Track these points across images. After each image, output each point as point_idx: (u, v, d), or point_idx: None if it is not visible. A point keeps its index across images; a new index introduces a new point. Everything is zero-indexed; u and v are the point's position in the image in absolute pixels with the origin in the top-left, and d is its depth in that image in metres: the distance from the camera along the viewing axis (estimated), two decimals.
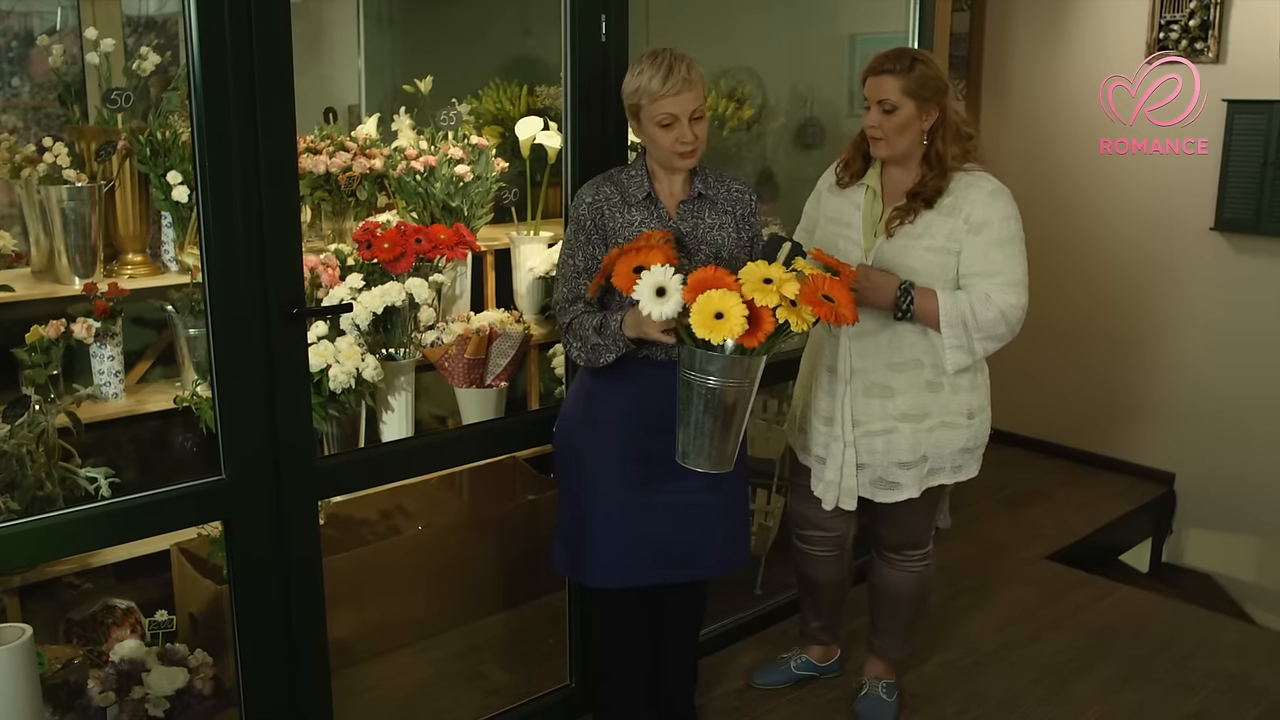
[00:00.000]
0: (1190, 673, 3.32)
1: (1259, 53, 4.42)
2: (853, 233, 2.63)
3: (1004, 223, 2.50)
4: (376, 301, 2.89)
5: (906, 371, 2.59)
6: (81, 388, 2.75)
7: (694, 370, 2.16)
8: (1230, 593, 4.78)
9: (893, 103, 2.47)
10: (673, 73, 2.28)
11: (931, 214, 2.51)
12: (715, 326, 2.07)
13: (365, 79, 4.02)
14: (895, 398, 2.60)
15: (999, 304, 2.48)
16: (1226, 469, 4.74)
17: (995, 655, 3.40)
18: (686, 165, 2.40)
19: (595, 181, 2.48)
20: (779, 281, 2.11)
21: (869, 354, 2.61)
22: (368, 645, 3.19)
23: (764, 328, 2.10)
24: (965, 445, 2.66)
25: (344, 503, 3.13)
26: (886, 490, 2.68)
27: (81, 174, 2.81)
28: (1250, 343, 4.61)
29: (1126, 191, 4.89)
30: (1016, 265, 2.51)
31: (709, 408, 2.17)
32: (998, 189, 2.52)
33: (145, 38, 3.08)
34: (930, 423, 2.61)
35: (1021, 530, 4.41)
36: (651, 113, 2.32)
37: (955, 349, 2.51)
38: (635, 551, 2.49)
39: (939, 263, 2.52)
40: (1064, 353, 5.11)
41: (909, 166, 2.56)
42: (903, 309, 2.50)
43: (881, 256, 2.56)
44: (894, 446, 2.62)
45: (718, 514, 2.54)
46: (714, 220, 2.46)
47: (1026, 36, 5.18)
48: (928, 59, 2.50)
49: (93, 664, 2.64)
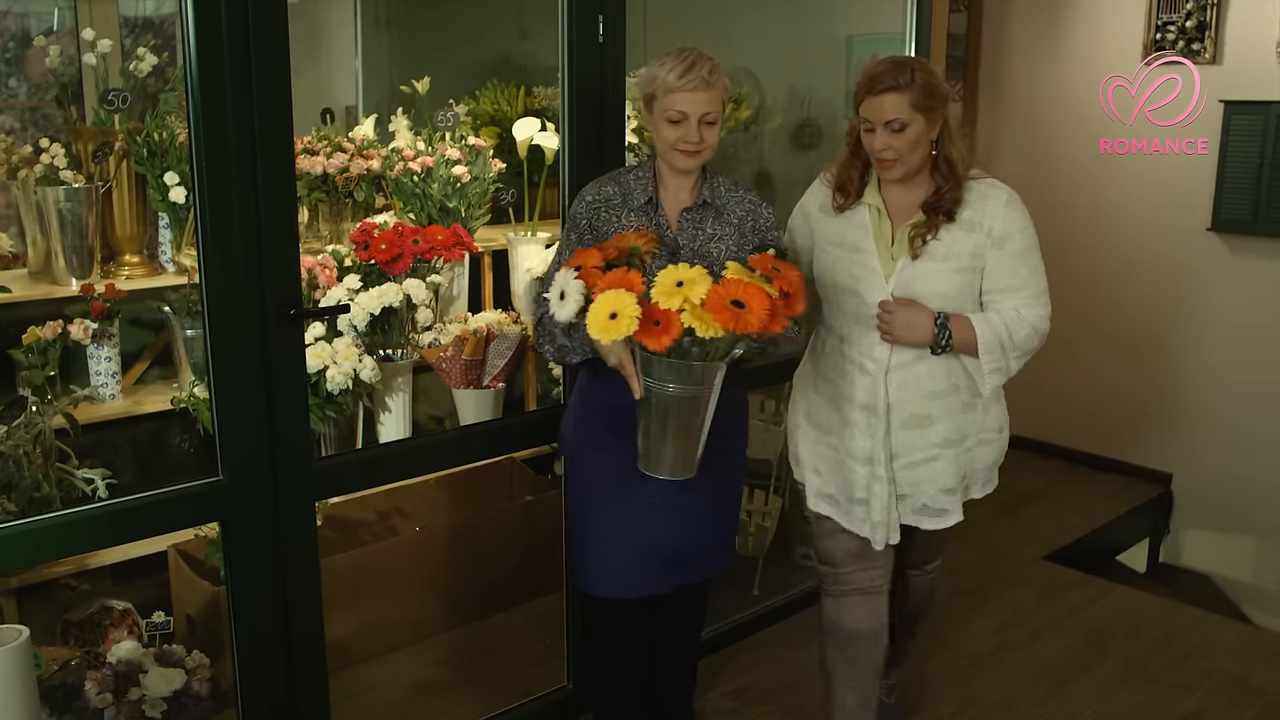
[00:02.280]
0: (1187, 673, 3.32)
1: (1256, 53, 4.43)
2: (867, 258, 2.44)
3: (1025, 233, 2.41)
4: (374, 302, 2.88)
5: (944, 398, 2.47)
6: (78, 389, 2.75)
7: (650, 377, 2.09)
8: (1227, 593, 4.79)
9: (902, 121, 2.30)
10: (693, 69, 2.21)
11: (954, 229, 2.37)
12: (607, 327, 1.97)
13: (362, 80, 4.02)
14: (935, 425, 2.48)
15: (1030, 319, 2.40)
16: (1224, 469, 4.74)
17: (992, 656, 3.40)
18: (687, 166, 2.31)
19: (601, 180, 2.42)
20: (688, 284, 1.98)
21: (907, 386, 2.46)
22: (365, 646, 3.18)
23: (669, 333, 1.97)
24: (996, 459, 2.61)
25: (341, 504, 3.13)
26: (934, 518, 2.56)
27: (78, 175, 2.81)
28: (1247, 343, 4.61)
29: (1124, 192, 4.90)
30: (1040, 275, 2.43)
31: (665, 414, 2.11)
32: (1012, 197, 2.42)
33: (142, 38, 3.08)
34: (969, 444, 2.52)
35: (1019, 531, 4.41)
36: (663, 105, 2.25)
37: (994, 372, 2.42)
38: (630, 557, 2.45)
39: (966, 283, 2.41)
40: (1061, 353, 5.09)
41: (913, 180, 2.41)
42: (942, 344, 2.37)
43: (907, 282, 2.39)
44: (938, 474, 2.50)
45: (709, 514, 2.50)
46: (715, 231, 2.37)
47: (1024, 37, 5.18)
48: (924, 65, 2.37)
49: (90, 665, 2.64)
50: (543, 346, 2.40)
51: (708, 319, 1.96)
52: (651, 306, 1.99)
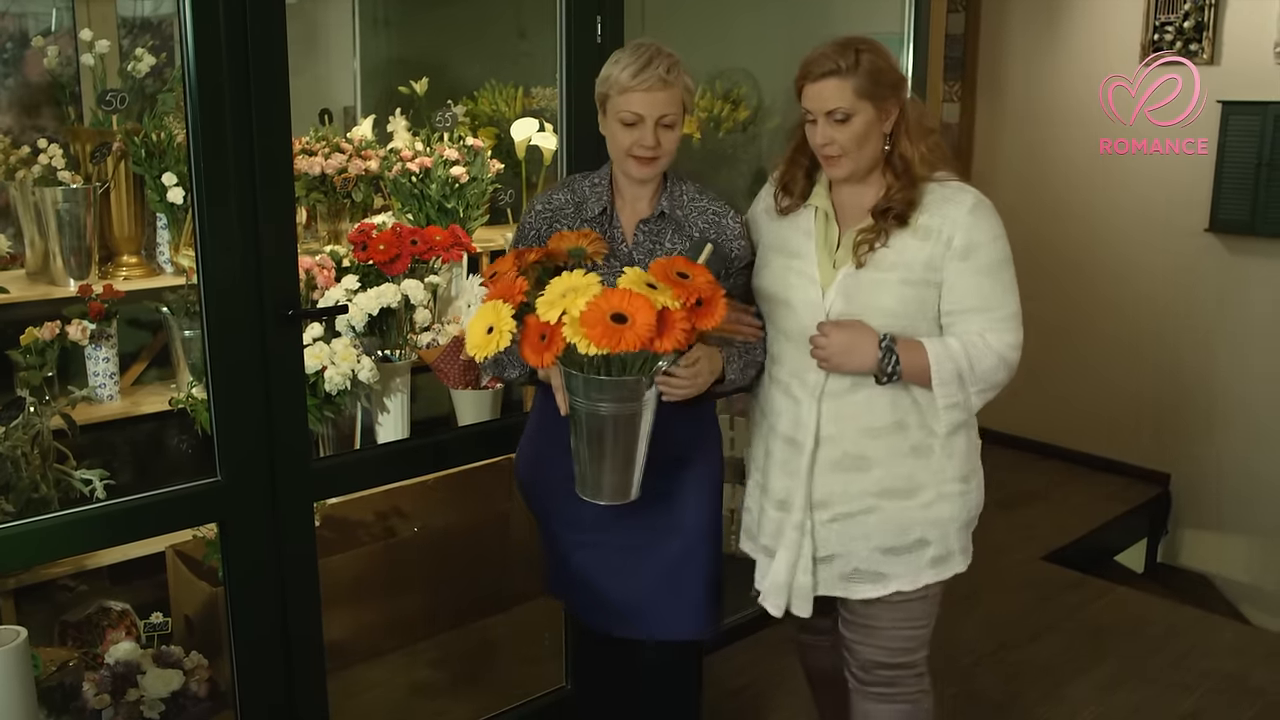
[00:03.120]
0: (1186, 673, 3.32)
1: (1253, 54, 4.44)
2: (805, 265, 2.08)
3: (993, 244, 2.01)
4: (372, 303, 2.88)
5: (886, 438, 2.06)
6: (76, 389, 2.75)
7: (575, 395, 1.88)
8: (1225, 593, 4.80)
9: (845, 110, 1.97)
10: (648, 67, 1.98)
11: (906, 236, 2.01)
12: (483, 342, 1.79)
13: (361, 80, 4.02)
14: (872, 470, 2.07)
15: (997, 347, 2.02)
16: (1222, 469, 4.75)
17: (991, 656, 3.40)
18: (642, 175, 2.07)
19: (553, 187, 2.21)
20: (571, 293, 1.76)
21: (842, 418, 2.06)
22: (364, 646, 3.18)
23: (551, 348, 1.76)
24: (966, 519, 2.16)
25: (340, 504, 3.13)
26: (868, 584, 2.11)
27: (76, 175, 2.81)
28: (1245, 343, 4.62)
29: (1122, 193, 4.90)
30: (1010, 295, 2.05)
31: (593, 433, 1.89)
32: (979, 202, 2.03)
33: (140, 39, 3.08)
34: (925, 496, 2.08)
35: (1017, 531, 4.41)
36: (616, 106, 2.01)
37: (950, 408, 2.03)
38: (582, 594, 2.24)
39: (917, 298, 2.02)
40: (1059, 354, 5.11)
41: (867, 179, 2.06)
42: (888, 372, 1.99)
43: (847, 294, 2.03)
44: (876, 530, 2.08)
45: (674, 563, 2.16)
46: (674, 246, 2.09)
47: (1022, 37, 5.19)
48: (874, 47, 2.01)
49: (88, 666, 2.64)
50: (483, 365, 2.19)
51: (584, 334, 1.74)
52: (536, 318, 1.78)
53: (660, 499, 2.08)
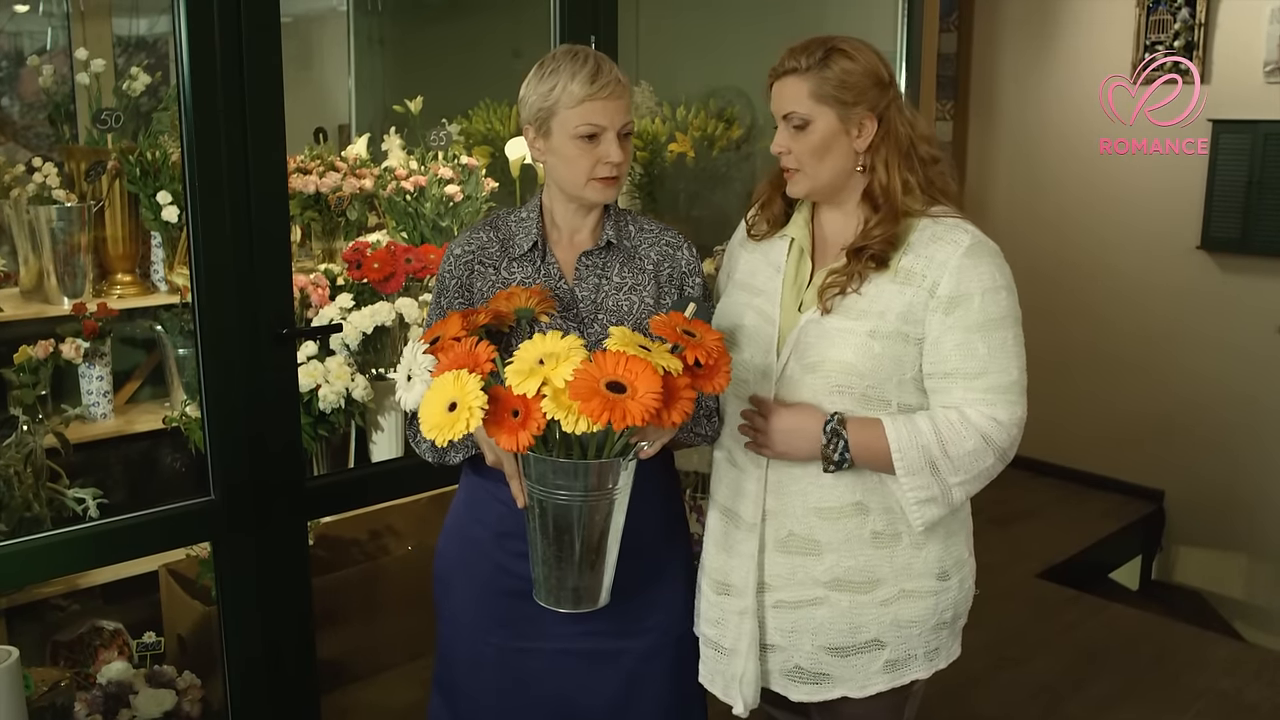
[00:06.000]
0: (1181, 690, 3.32)
1: (1243, 73, 4.47)
2: (765, 304, 1.78)
3: (988, 296, 1.66)
4: (366, 321, 2.88)
5: (840, 521, 1.73)
6: (70, 408, 2.74)
7: (537, 483, 1.56)
8: (1219, 610, 4.80)
9: (801, 115, 1.69)
10: (603, 72, 1.71)
11: (883, 280, 1.68)
12: (443, 422, 1.46)
13: (355, 99, 4.03)
14: (823, 556, 1.74)
15: (980, 425, 1.65)
16: (1215, 486, 4.76)
17: (987, 674, 3.40)
18: (604, 198, 1.77)
19: (473, 227, 1.87)
20: (550, 360, 1.48)
21: (788, 493, 1.75)
22: (357, 666, 3.17)
23: (528, 427, 1.46)
24: (938, 619, 1.79)
25: (333, 523, 3.12)
26: (809, 684, 1.78)
27: (71, 194, 2.81)
28: (1237, 360, 4.64)
29: (1113, 211, 4.93)
30: (1008, 361, 1.68)
31: (557, 528, 1.57)
32: (977, 244, 1.68)
33: (135, 58, 3.09)
34: (885, 592, 1.74)
35: (1012, 548, 4.41)
36: (569, 121, 1.71)
37: (924, 504, 1.68)
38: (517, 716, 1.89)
39: (890, 355, 1.67)
40: (1053, 372, 5.12)
41: (849, 209, 1.75)
42: (834, 459, 1.67)
43: (806, 344, 1.71)
44: (824, 625, 1.75)
45: (639, 668, 1.86)
46: (624, 279, 1.81)
47: (1014, 56, 5.22)
48: (853, 47, 1.71)
49: (80, 686, 2.62)
50: (416, 442, 1.84)
51: (575, 409, 1.43)
52: (506, 391, 1.48)
53: (625, 596, 1.74)
